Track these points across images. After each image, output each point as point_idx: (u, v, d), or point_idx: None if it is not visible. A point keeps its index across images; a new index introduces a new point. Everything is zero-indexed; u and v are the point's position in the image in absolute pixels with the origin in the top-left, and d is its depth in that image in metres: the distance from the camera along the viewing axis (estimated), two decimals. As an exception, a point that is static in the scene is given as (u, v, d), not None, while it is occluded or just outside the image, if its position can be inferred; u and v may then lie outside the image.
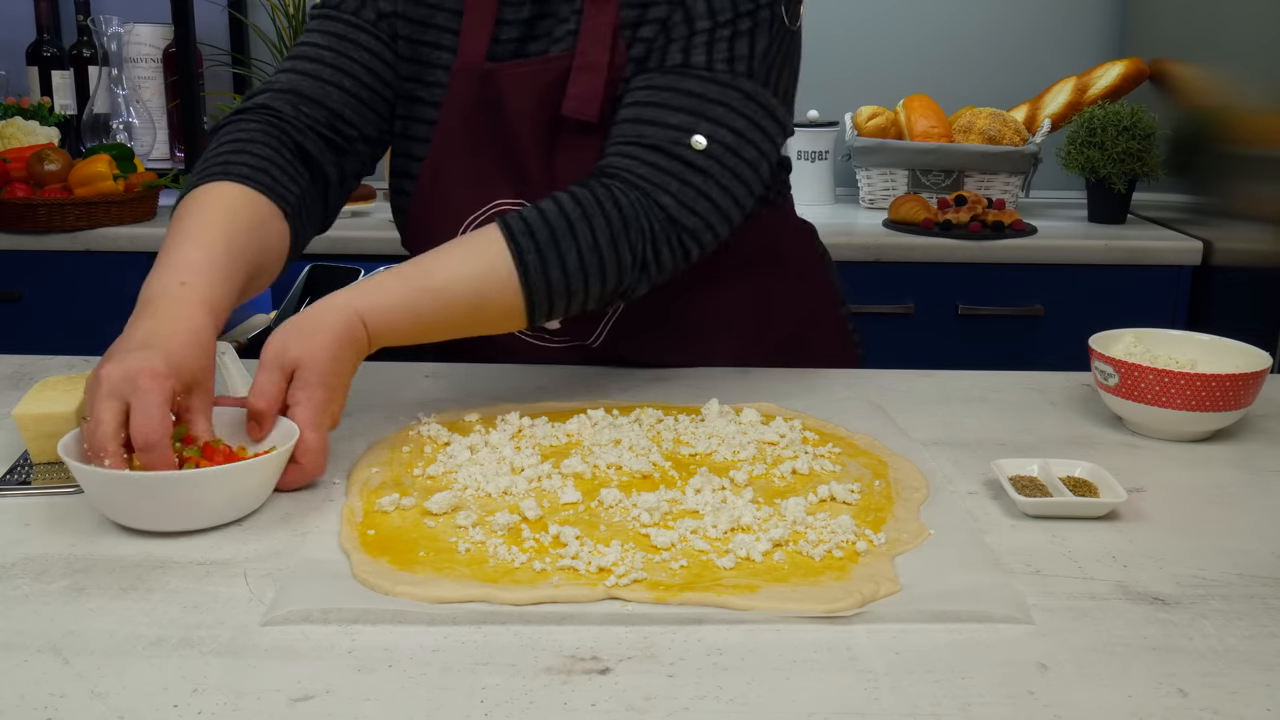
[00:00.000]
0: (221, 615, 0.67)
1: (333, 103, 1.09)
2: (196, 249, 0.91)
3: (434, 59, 1.11)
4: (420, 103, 1.12)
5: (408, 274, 0.93)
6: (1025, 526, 0.82)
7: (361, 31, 1.11)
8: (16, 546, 0.76)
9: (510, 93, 1.07)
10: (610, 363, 1.18)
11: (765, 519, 0.80)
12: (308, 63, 1.10)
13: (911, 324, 2.13)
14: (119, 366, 0.78)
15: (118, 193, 2.03)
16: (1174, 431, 1.00)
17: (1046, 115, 2.37)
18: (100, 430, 0.77)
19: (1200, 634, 0.67)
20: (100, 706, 0.58)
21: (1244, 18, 1.99)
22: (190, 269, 0.89)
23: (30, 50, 2.43)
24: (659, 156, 0.99)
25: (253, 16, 2.55)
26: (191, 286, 0.87)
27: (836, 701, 0.60)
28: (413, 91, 1.13)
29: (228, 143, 1.02)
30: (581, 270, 0.96)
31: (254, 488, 0.81)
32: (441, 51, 1.11)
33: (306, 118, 1.07)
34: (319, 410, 0.86)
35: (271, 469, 0.82)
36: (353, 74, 1.10)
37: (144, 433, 0.76)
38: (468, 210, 1.12)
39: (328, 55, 1.10)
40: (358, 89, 1.10)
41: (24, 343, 1.32)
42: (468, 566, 0.73)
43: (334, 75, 1.09)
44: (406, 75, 1.13)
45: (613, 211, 0.96)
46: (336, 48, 1.10)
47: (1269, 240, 1.91)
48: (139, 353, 0.79)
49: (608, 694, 0.60)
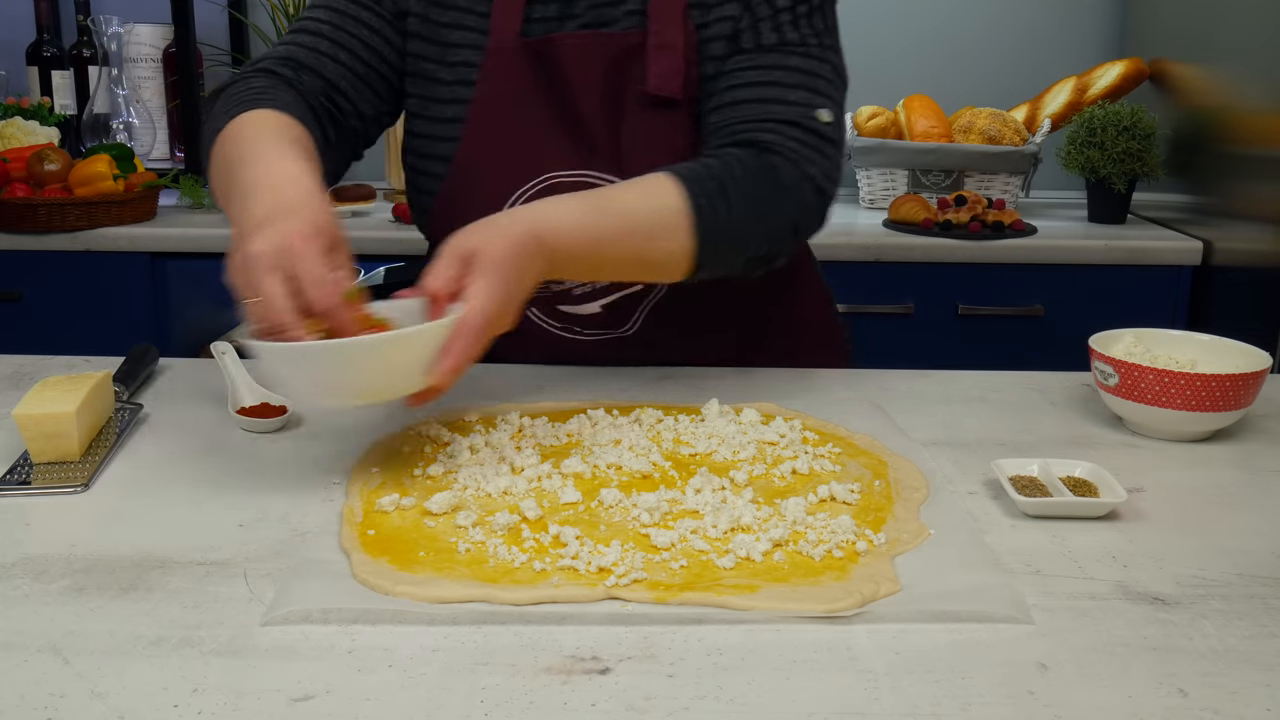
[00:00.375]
0: (221, 615, 0.67)
1: (329, 73, 1.09)
2: (271, 145, 0.92)
3: (455, 39, 1.11)
4: (441, 83, 1.11)
5: (585, 198, 0.95)
6: (1025, 526, 0.82)
7: (363, 9, 1.11)
8: (16, 546, 0.76)
9: (574, 66, 1.08)
10: (637, 351, 1.18)
11: (765, 519, 0.80)
12: (306, 35, 1.11)
13: (911, 324, 2.13)
14: (267, 241, 0.79)
15: (118, 193, 2.03)
16: (1174, 431, 1.00)
17: (1046, 115, 2.37)
18: (278, 305, 0.77)
19: (1200, 634, 0.67)
20: (100, 706, 0.58)
21: (1244, 18, 1.99)
22: (276, 154, 0.90)
23: (30, 50, 2.43)
24: (798, 131, 1.03)
25: (253, 16, 2.55)
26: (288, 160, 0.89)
27: (836, 701, 0.60)
28: (433, 73, 1.12)
29: (244, 90, 1.03)
30: (746, 224, 0.99)
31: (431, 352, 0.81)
32: (464, 31, 1.11)
33: (305, 85, 1.08)
34: (490, 297, 0.83)
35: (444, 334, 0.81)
36: (350, 48, 1.10)
37: (324, 297, 0.78)
38: (515, 183, 1.10)
39: (326, 29, 1.10)
40: (354, 63, 1.10)
41: (24, 343, 1.32)
42: (468, 566, 0.73)
43: (331, 48, 1.09)
44: (424, 55, 1.12)
45: (772, 175, 1.01)
46: (335, 22, 1.11)
47: (1269, 240, 1.91)
48: (278, 224, 0.80)
49: (608, 694, 0.60)
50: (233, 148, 0.95)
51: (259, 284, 0.78)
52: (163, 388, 1.11)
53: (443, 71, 1.11)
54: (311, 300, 0.78)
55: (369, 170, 2.62)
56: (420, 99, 1.13)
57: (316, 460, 0.92)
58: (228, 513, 0.82)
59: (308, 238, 0.80)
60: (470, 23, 1.11)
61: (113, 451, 0.93)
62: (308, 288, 0.78)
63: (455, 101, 1.11)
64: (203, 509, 0.83)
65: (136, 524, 0.80)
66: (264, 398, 1.02)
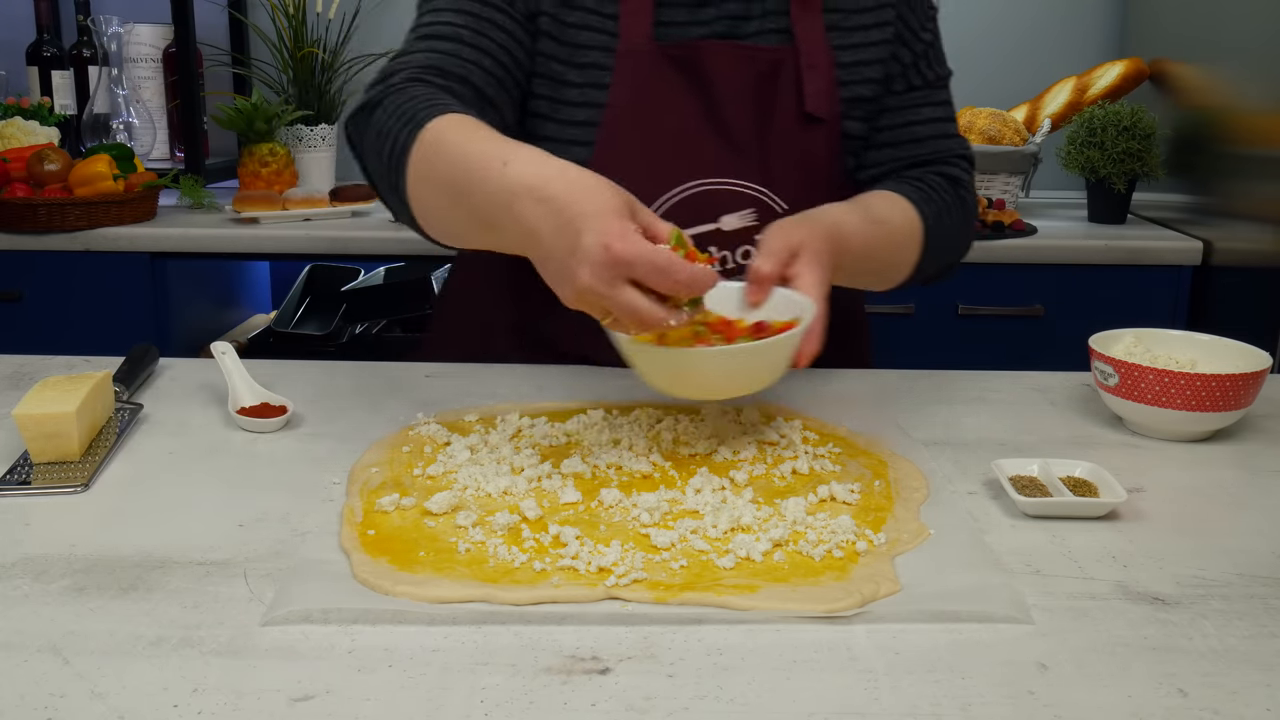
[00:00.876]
0: (221, 615, 0.67)
1: (476, 81, 1.03)
2: (500, 141, 0.86)
3: (583, 39, 1.08)
4: (570, 85, 1.09)
5: (852, 207, 1.04)
6: (1025, 526, 0.82)
7: (498, 11, 1.06)
8: (16, 546, 0.76)
9: (720, 75, 1.09)
10: None
11: (765, 519, 0.80)
12: (444, 42, 1.04)
13: (911, 324, 2.13)
14: (591, 259, 0.76)
15: (118, 193, 2.03)
16: (1174, 431, 1.00)
17: (1046, 115, 2.37)
18: (644, 310, 0.77)
19: (1200, 634, 0.67)
20: (100, 706, 0.58)
21: (1244, 18, 1.99)
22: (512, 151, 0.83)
23: (30, 50, 2.43)
24: (968, 164, 1.21)
25: (253, 16, 2.55)
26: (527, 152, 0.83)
27: (836, 701, 0.60)
28: (562, 74, 1.09)
29: (408, 101, 0.94)
30: (950, 243, 1.15)
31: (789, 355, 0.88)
32: (592, 32, 1.08)
33: (457, 94, 1.01)
34: (823, 288, 0.92)
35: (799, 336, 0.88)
36: (492, 54, 1.05)
37: (693, 282, 0.78)
38: (660, 189, 1.10)
39: (466, 34, 1.05)
40: (496, 69, 1.05)
41: (24, 343, 1.32)
42: (468, 566, 0.73)
43: (474, 55, 1.04)
44: (553, 56, 1.09)
45: (962, 203, 1.17)
46: (474, 27, 1.05)
47: (1269, 240, 1.91)
48: (589, 231, 0.77)
49: (608, 694, 0.60)
50: (452, 153, 0.87)
51: (615, 300, 0.77)
52: (163, 388, 1.11)
53: (571, 73, 1.09)
54: (665, 288, 0.78)
55: (369, 170, 2.62)
56: (550, 101, 1.10)
57: (316, 460, 0.92)
58: (228, 513, 0.82)
59: (630, 236, 0.76)
60: (596, 23, 1.09)
61: (113, 451, 0.93)
62: (665, 288, 0.78)
63: (586, 105, 1.09)
64: (203, 509, 0.83)
65: (136, 524, 0.80)
66: (264, 398, 1.02)
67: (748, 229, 1.11)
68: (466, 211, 0.86)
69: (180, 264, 2.10)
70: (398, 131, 0.92)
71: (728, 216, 1.10)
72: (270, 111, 2.24)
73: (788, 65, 1.10)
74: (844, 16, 1.13)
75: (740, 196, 1.11)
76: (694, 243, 0.89)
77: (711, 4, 1.10)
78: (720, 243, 1.12)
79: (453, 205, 0.88)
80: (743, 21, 1.11)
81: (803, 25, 1.10)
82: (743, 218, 1.10)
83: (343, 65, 2.44)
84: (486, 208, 0.83)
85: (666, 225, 0.82)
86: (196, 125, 2.31)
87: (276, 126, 2.27)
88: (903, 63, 1.16)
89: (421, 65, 1.02)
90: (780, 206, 1.12)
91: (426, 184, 0.90)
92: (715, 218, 1.11)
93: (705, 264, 0.81)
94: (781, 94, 1.11)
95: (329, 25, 2.49)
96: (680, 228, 0.91)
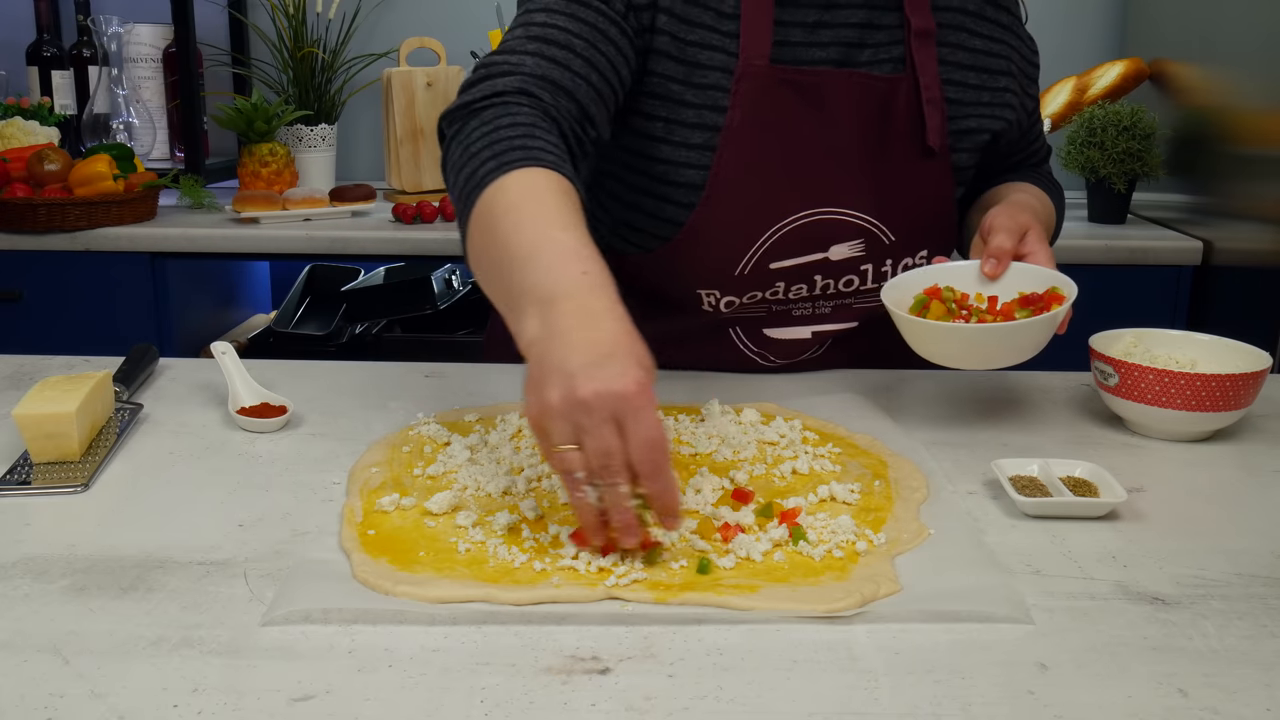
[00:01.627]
0: (221, 615, 0.67)
1: (581, 97, 1.00)
2: (565, 232, 0.80)
3: (704, 59, 1.06)
4: (688, 106, 1.07)
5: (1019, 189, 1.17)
6: (1025, 526, 0.82)
7: (612, 24, 1.03)
8: (16, 546, 0.76)
9: (840, 103, 1.08)
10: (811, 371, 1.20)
11: (765, 519, 0.79)
12: (558, 50, 1.00)
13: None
14: (600, 386, 0.69)
15: (118, 193, 2.03)
16: (1174, 431, 1.00)
17: (1046, 115, 2.37)
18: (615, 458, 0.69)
19: (1200, 634, 0.67)
20: (100, 706, 0.58)
21: (1244, 18, 1.99)
22: (579, 254, 0.78)
23: (30, 50, 2.43)
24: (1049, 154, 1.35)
25: (253, 16, 2.55)
26: (593, 274, 0.77)
27: (836, 701, 0.60)
28: (680, 95, 1.06)
29: (508, 127, 0.91)
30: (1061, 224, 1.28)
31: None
32: (712, 52, 1.06)
33: (561, 110, 0.98)
34: (1051, 258, 1.05)
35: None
36: (600, 70, 1.01)
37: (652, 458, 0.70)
38: (778, 215, 1.09)
39: (579, 45, 1.01)
40: (602, 85, 1.02)
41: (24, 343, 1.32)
42: (468, 566, 0.73)
43: (584, 68, 1.00)
44: (670, 76, 1.06)
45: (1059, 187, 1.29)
46: (588, 37, 1.01)
47: (1269, 240, 1.91)
48: (612, 365, 0.70)
49: (608, 694, 0.60)
50: (514, 225, 0.82)
51: (592, 432, 0.69)
52: (163, 388, 1.11)
53: (690, 94, 1.06)
54: (637, 456, 0.70)
55: (369, 170, 2.63)
56: (665, 122, 1.07)
57: (316, 460, 0.92)
58: (228, 513, 0.82)
59: (645, 388, 0.70)
60: (717, 42, 1.06)
61: (113, 451, 0.93)
62: (635, 439, 0.69)
63: (702, 126, 1.07)
64: (203, 509, 0.83)
65: (136, 524, 0.80)
66: (264, 398, 1.02)
67: (853, 259, 1.12)
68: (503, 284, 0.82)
69: (180, 264, 2.10)
70: (483, 162, 0.89)
71: (837, 246, 1.11)
72: (270, 111, 2.24)
73: (902, 96, 1.10)
74: (951, 51, 1.13)
75: (850, 226, 1.11)
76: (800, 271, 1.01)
77: (828, 26, 1.09)
78: (826, 272, 1.12)
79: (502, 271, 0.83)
80: (858, 49, 1.10)
81: (920, 57, 1.10)
82: (852, 248, 1.11)
83: (343, 65, 2.44)
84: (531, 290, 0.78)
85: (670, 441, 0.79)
86: (196, 125, 2.31)
87: (276, 126, 2.27)
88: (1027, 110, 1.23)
89: (531, 73, 0.98)
90: (888, 238, 1.12)
91: (478, 225, 0.86)
92: (826, 247, 1.11)
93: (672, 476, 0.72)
94: (896, 125, 1.10)
95: (329, 25, 2.49)
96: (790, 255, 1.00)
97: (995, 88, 1.15)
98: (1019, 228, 1.05)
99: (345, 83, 2.44)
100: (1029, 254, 1.05)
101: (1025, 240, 1.05)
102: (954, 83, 1.13)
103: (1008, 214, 1.06)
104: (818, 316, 1.17)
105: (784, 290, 1.13)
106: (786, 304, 1.14)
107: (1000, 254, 1.03)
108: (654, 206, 1.11)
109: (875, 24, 1.10)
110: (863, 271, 1.13)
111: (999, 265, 1.03)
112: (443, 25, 2.55)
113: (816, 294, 1.14)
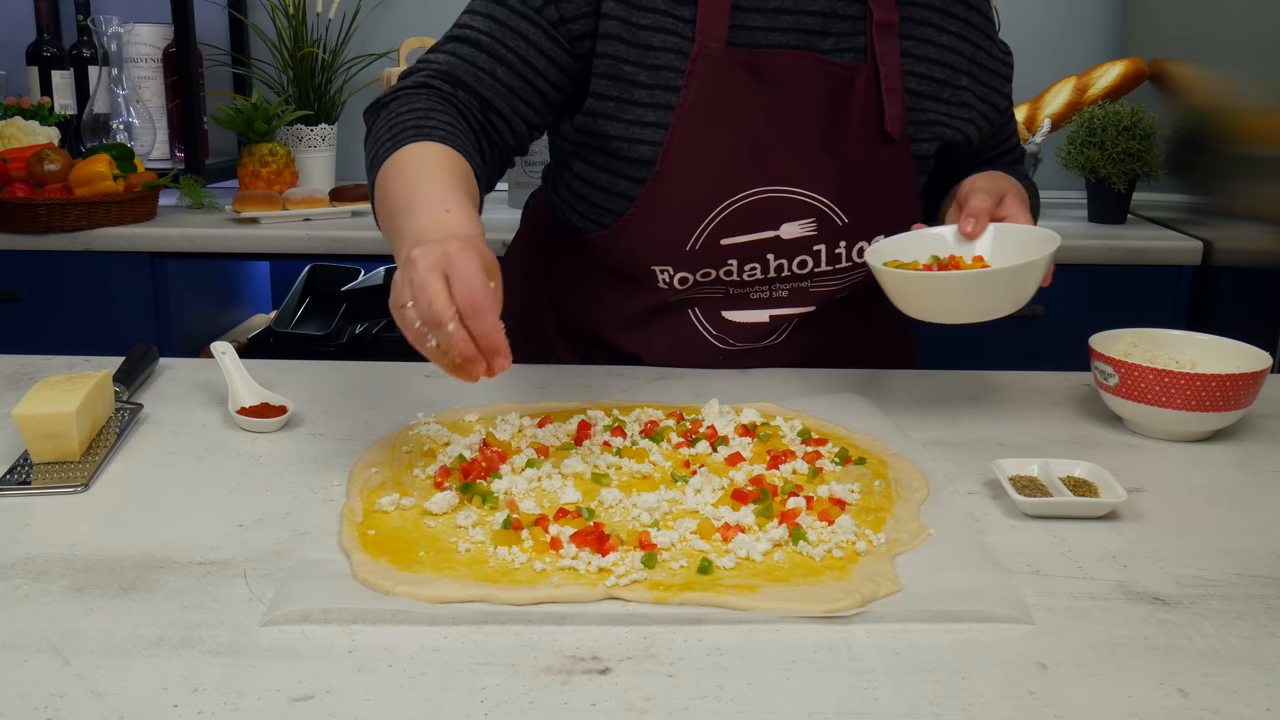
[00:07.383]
0: (221, 615, 0.67)
1: (485, 90, 1.08)
2: (435, 184, 0.93)
3: (656, 41, 1.09)
4: (640, 86, 1.09)
5: (998, 173, 1.14)
6: (1025, 526, 0.82)
7: (523, 19, 1.09)
8: (16, 546, 0.76)
9: (795, 85, 1.09)
10: (772, 361, 1.20)
11: (765, 519, 0.79)
12: (466, 46, 1.10)
13: (912, 324, 2.12)
14: (430, 250, 0.82)
15: (118, 193, 2.02)
16: (1174, 431, 1.00)
17: (1046, 115, 2.37)
18: (438, 300, 0.79)
19: (1200, 634, 0.67)
20: (100, 706, 0.58)
21: (1244, 18, 1.99)
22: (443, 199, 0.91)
23: (30, 50, 2.43)
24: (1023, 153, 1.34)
25: (253, 16, 2.55)
26: (454, 212, 0.89)
27: (836, 701, 0.60)
28: (632, 75, 1.09)
29: (406, 113, 1.03)
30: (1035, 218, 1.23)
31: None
32: (665, 34, 1.09)
33: (462, 101, 1.07)
34: (1030, 220, 1.06)
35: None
36: (508, 63, 1.08)
37: (472, 297, 0.79)
38: (726, 193, 1.11)
39: (485, 41, 1.09)
40: (511, 79, 1.09)
41: (24, 343, 1.32)
42: (468, 566, 0.73)
43: (489, 63, 1.08)
44: (622, 58, 1.09)
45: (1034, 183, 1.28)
46: (495, 34, 1.09)
47: (1269, 240, 1.91)
48: (443, 241, 0.83)
49: (608, 694, 0.60)
50: (398, 186, 0.95)
51: (422, 282, 0.80)
52: (163, 388, 1.11)
53: (643, 74, 1.09)
54: (458, 300, 0.80)
55: (369, 170, 2.62)
56: (617, 101, 1.10)
57: (316, 460, 0.92)
58: (228, 513, 0.82)
59: (469, 251, 0.82)
60: (670, 25, 1.09)
61: (113, 451, 0.93)
62: (455, 290, 0.80)
63: (656, 105, 1.09)
64: (203, 509, 0.83)
65: (136, 524, 0.80)
66: (264, 398, 1.02)
67: (805, 239, 1.12)
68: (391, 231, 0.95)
69: (180, 264, 2.10)
70: (383, 143, 1.01)
71: (788, 225, 1.11)
72: (270, 111, 2.24)
73: (861, 83, 1.10)
74: (916, 44, 1.13)
75: (802, 206, 1.11)
76: (752, 249, 0.97)
77: (790, 13, 1.10)
78: (778, 251, 1.13)
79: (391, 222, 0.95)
80: (820, 36, 1.10)
81: (883, 48, 1.11)
82: (803, 227, 1.11)
83: (343, 65, 2.44)
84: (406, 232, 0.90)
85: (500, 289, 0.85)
86: (196, 125, 2.31)
87: (276, 126, 2.27)
88: (1000, 109, 1.22)
89: (437, 70, 1.09)
90: (841, 219, 1.13)
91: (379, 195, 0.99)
92: (777, 225, 1.12)
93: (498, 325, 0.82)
94: (854, 110, 1.11)
95: (329, 25, 2.49)
96: (741, 232, 0.97)
97: (958, 85, 1.16)
98: (997, 190, 1.07)
99: (345, 83, 2.44)
100: (1008, 216, 1.06)
101: (1003, 204, 1.07)
102: (917, 75, 1.14)
103: (985, 179, 1.09)
104: (775, 300, 1.18)
105: (737, 269, 1.14)
106: (743, 285, 1.16)
107: (979, 213, 1.05)
108: (609, 182, 1.13)
109: (839, 13, 1.11)
110: (815, 252, 1.13)
111: (978, 224, 1.05)
112: (442, 25, 2.53)
113: (771, 275, 1.15)
